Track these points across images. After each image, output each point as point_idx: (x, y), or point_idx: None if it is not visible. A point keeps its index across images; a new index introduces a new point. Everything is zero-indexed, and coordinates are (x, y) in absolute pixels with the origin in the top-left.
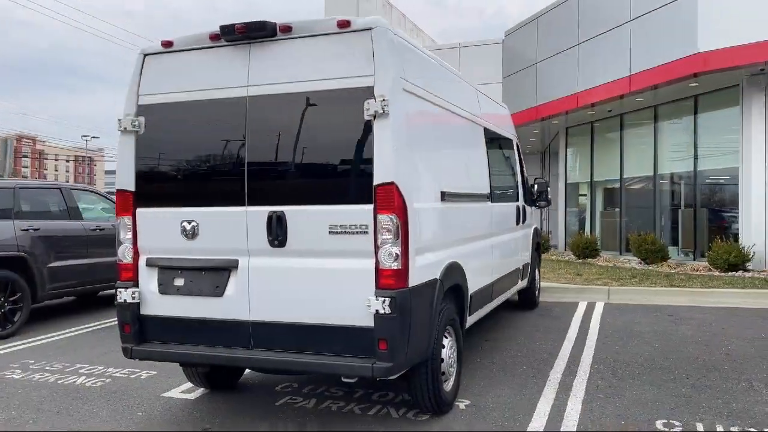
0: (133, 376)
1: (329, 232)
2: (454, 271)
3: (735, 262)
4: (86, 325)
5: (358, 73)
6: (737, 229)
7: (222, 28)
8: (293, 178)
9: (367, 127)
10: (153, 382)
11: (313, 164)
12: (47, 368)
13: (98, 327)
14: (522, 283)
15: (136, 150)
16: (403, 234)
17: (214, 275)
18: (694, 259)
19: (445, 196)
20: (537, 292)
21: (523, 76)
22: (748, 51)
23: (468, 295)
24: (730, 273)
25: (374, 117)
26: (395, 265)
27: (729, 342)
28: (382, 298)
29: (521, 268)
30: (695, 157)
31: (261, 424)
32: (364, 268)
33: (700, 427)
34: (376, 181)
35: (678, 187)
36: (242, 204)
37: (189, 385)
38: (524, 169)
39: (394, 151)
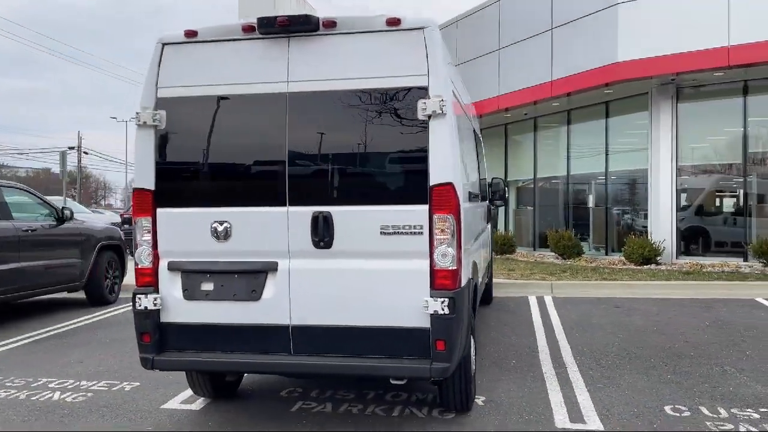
0: (114, 388)
1: (381, 233)
2: (475, 269)
3: (648, 256)
4: (26, 335)
5: (410, 72)
6: (645, 226)
7: (260, 20)
8: (340, 178)
9: (421, 127)
10: (141, 394)
11: (362, 164)
12: (8, 384)
13: (41, 337)
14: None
15: (156, 146)
16: (457, 234)
17: (249, 278)
18: (606, 254)
19: (470, 196)
20: (492, 288)
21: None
22: (662, 62)
23: (478, 292)
24: (645, 266)
25: (430, 117)
26: (451, 266)
27: (682, 330)
28: (441, 299)
29: (490, 263)
30: (606, 159)
31: (282, 430)
32: (418, 269)
33: (705, 410)
34: (432, 182)
35: (589, 187)
36: (282, 204)
37: (185, 395)
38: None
39: (451, 151)
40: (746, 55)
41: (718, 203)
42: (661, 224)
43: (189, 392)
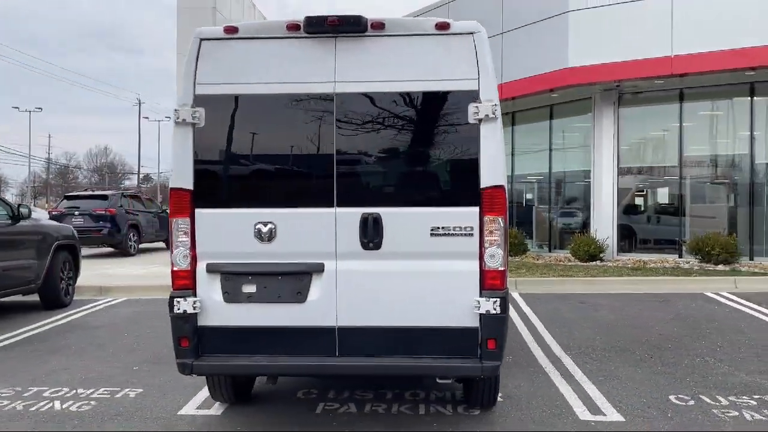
0: (117, 396)
1: (431, 234)
2: None
3: (594, 253)
4: None
5: (460, 76)
6: (588, 224)
7: (309, 19)
8: (389, 180)
9: (472, 130)
10: (150, 400)
11: (411, 165)
12: None
13: (8, 343)
14: None
15: (194, 145)
16: (504, 236)
17: (294, 280)
18: (550, 251)
19: None
20: None
21: None
22: (612, 69)
23: None
24: (591, 263)
25: (481, 120)
26: (500, 266)
27: (652, 324)
28: (493, 299)
29: None
30: (550, 160)
31: None
32: (468, 270)
33: (706, 399)
34: (483, 184)
35: (533, 186)
36: (330, 205)
37: (198, 400)
38: None
39: (501, 154)
40: (687, 65)
41: (655, 203)
42: (604, 222)
43: (201, 397)
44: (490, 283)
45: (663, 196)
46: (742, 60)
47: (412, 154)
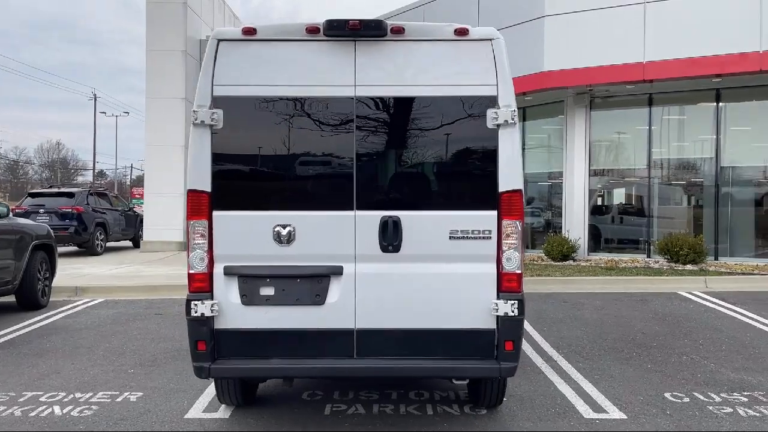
0: (118, 400)
1: (449, 238)
2: None
3: (567, 252)
4: None
5: (479, 82)
6: (560, 224)
7: (330, 22)
8: (409, 183)
9: (490, 135)
10: (153, 404)
11: (431, 170)
12: None
13: None
14: None
15: (212, 146)
16: (522, 239)
17: (312, 283)
18: None
19: None
20: None
21: None
22: (587, 73)
23: None
24: (564, 262)
25: (499, 126)
26: (517, 269)
27: (633, 323)
28: (511, 301)
29: None
30: (522, 161)
31: None
32: (486, 272)
33: (700, 396)
34: (502, 188)
35: None
36: (350, 208)
37: (202, 403)
38: None
39: (519, 159)
40: (659, 71)
41: (624, 204)
42: (575, 223)
43: (205, 400)
44: (507, 285)
45: (631, 197)
46: (708, 67)
47: (431, 158)
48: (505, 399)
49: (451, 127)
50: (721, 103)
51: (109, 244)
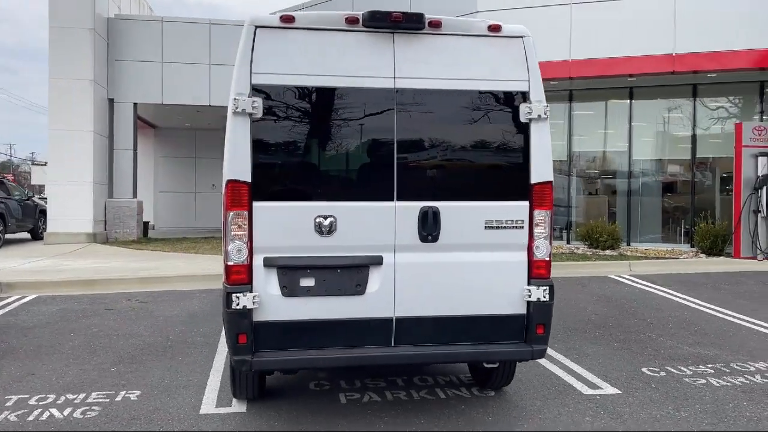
0: (117, 399)
1: (485, 227)
2: None
3: None
4: None
5: (512, 77)
6: None
7: (372, 13)
8: (447, 174)
9: (523, 129)
10: (158, 402)
11: (468, 161)
12: None
13: None
14: None
15: (252, 135)
16: (551, 228)
17: (352, 273)
18: None
19: None
20: None
21: None
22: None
23: None
24: None
25: (532, 120)
26: (546, 257)
27: (583, 305)
28: (543, 287)
29: None
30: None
31: (359, 424)
32: (518, 260)
33: (672, 369)
34: (534, 180)
35: None
36: (390, 199)
37: (211, 398)
38: None
39: (550, 152)
40: (582, 69)
41: None
42: None
43: (212, 396)
44: (537, 272)
45: (556, 189)
46: (623, 67)
47: (468, 150)
48: None
49: (485, 121)
50: (634, 101)
51: (6, 236)
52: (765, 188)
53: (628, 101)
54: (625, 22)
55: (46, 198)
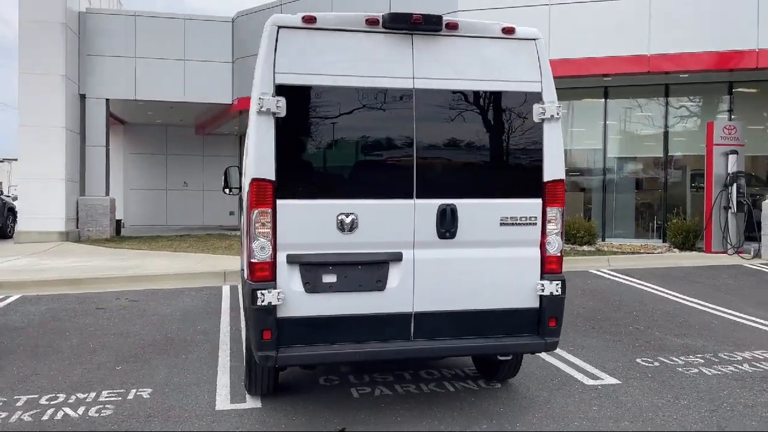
0: (129, 397)
1: (500, 224)
2: None
3: None
4: None
5: (525, 78)
6: None
7: (392, 15)
8: (464, 173)
9: (536, 128)
10: (172, 399)
11: (483, 160)
12: None
13: None
14: None
15: (276, 134)
16: (562, 225)
17: (373, 269)
18: None
19: None
20: None
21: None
22: None
23: None
24: None
25: (544, 120)
26: (558, 252)
27: (571, 298)
28: (555, 282)
29: None
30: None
31: (376, 417)
32: (532, 256)
33: (665, 360)
34: (546, 178)
35: None
36: (410, 196)
37: (224, 394)
38: None
39: (561, 151)
40: (559, 69)
41: None
42: None
43: (224, 392)
44: (549, 267)
45: None
46: (600, 67)
47: (484, 149)
48: None
49: (500, 121)
50: (609, 100)
51: None
52: (735, 185)
53: (603, 100)
54: (602, 23)
55: (10, 196)
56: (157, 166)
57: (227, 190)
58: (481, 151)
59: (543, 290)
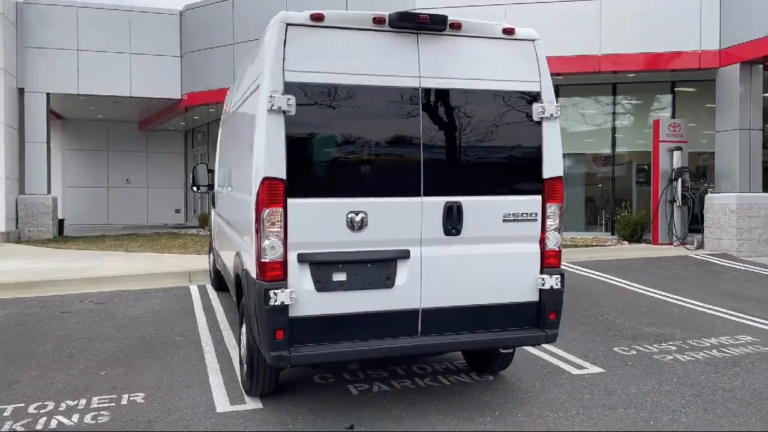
0: (122, 403)
1: (503, 220)
2: None
3: None
4: None
5: (525, 78)
6: None
7: (400, 14)
8: (468, 170)
9: (535, 127)
10: (169, 403)
11: (486, 157)
12: None
13: None
14: None
15: (286, 133)
16: (561, 220)
17: (382, 267)
18: None
19: None
20: None
21: (205, 56)
22: None
23: None
24: None
25: (544, 119)
26: (557, 247)
27: None
28: (555, 276)
29: None
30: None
31: (380, 413)
32: (532, 251)
33: (640, 348)
34: (546, 175)
35: None
36: (417, 194)
37: (221, 395)
38: None
39: (560, 149)
40: None
41: None
42: None
43: (219, 393)
44: (549, 262)
45: None
46: (553, 66)
47: (487, 147)
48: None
49: (502, 119)
50: (560, 98)
51: None
52: (680, 180)
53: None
54: (556, 24)
55: None
56: (98, 163)
57: (195, 188)
58: (484, 149)
59: (544, 284)
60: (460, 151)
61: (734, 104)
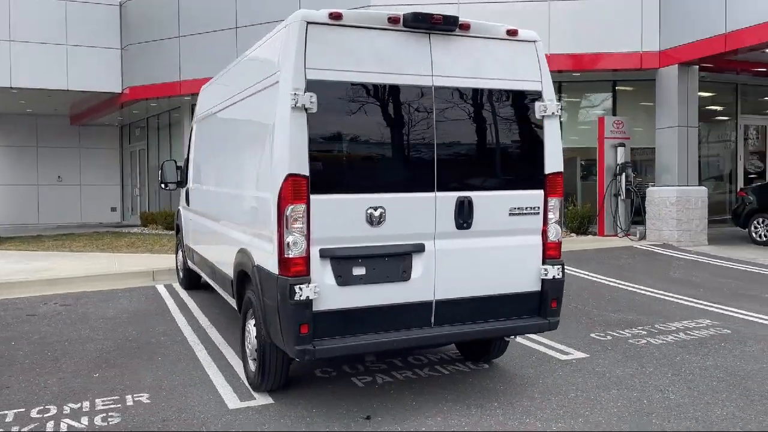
0: (128, 404)
1: (509, 214)
2: None
3: None
4: None
5: (528, 78)
6: None
7: (414, 14)
8: (478, 166)
9: (538, 124)
10: (177, 402)
11: (494, 154)
12: None
13: None
14: None
15: (308, 130)
16: (561, 213)
17: (398, 260)
18: None
19: None
20: None
21: (148, 49)
22: None
23: None
24: None
25: (544, 116)
26: (557, 239)
27: None
28: (557, 266)
29: None
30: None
31: (393, 403)
32: (534, 243)
33: (614, 333)
34: (548, 170)
35: None
36: (431, 190)
37: (228, 393)
38: None
39: (560, 145)
40: None
41: None
42: None
43: (226, 390)
44: (550, 253)
45: None
46: None
47: (495, 144)
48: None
49: (509, 117)
50: None
51: None
52: (624, 174)
53: None
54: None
55: None
56: (26, 160)
57: (163, 185)
58: (492, 146)
59: (546, 274)
60: (470, 147)
61: (673, 103)
